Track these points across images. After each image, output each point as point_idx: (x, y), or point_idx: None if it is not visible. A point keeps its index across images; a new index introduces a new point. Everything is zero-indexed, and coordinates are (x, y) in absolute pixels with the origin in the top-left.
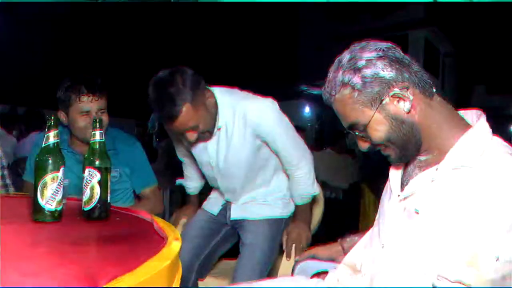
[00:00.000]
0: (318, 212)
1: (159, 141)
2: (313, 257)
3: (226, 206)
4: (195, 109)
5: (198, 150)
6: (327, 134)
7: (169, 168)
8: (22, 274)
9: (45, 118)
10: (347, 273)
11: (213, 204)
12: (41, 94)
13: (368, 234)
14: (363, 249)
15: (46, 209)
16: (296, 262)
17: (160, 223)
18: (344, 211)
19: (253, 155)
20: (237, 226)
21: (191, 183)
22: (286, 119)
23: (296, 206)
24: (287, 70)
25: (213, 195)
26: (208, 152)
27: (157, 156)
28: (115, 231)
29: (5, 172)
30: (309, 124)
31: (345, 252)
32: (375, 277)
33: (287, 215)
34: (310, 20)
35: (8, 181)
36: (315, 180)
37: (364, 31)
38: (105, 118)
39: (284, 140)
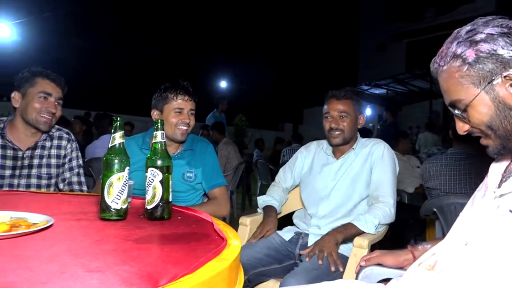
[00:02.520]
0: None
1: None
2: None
3: (300, 235)
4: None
5: (320, 167)
6: (390, 135)
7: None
8: (88, 270)
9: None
10: (421, 268)
11: (286, 231)
12: (113, 100)
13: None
14: (438, 245)
15: (112, 208)
16: (361, 267)
17: (219, 224)
18: (409, 215)
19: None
20: (303, 256)
21: (274, 201)
22: None
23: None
24: (348, 70)
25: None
26: (331, 170)
27: None
28: (176, 231)
29: (81, 171)
30: (370, 125)
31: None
32: (456, 275)
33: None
34: (371, 17)
35: (82, 179)
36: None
37: (428, 28)
38: (192, 119)
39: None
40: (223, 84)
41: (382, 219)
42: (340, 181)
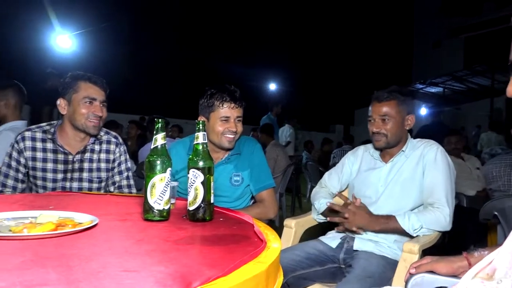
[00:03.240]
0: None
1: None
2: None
3: (346, 239)
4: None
5: (368, 172)
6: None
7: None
8: (124, 269)
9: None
10: (477, 278)
11: (332, 238)
12: (168, 104)
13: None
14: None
15: (155, 208)
16: (411, 275)
17: (261, 226)
18: (468, 219)
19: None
20: (348, 260)
21: (331, 200)
22: None
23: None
24: (401, 68)
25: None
26: (380, 175)
27: None
28: (216, 232)
29: (130, 174)
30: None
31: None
32: None
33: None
34: (426, 13)
35: (131, 182)
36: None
37: (488, 22)
38: (240, 126)
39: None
40: (273, 86)
41: (428, 225)
42: (390, 186)
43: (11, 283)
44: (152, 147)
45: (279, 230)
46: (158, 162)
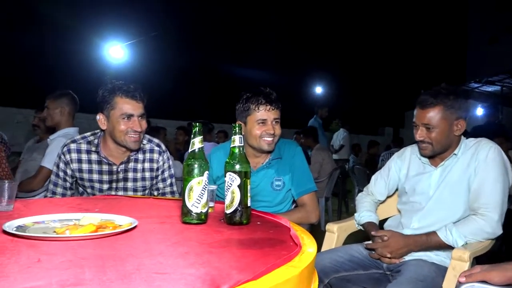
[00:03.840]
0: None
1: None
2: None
3: None
4: None
5: (417, 177)
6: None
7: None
8: (156, 271)
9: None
10: None
11: None
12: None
13: None
14: None
15: (192, 212)
16: (460, 283)
17: (297, 230)
18: None
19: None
20: (393, 268)
21: (374, 216)
22: None
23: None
24: (454, 67)
25: None
26: (430, 181)
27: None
28: (252, 236)
29: (173, 181)
30: None
31: None
32: None
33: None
34: (481, 9)
35: (175, 188)
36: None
37: None
38: (278, 128)
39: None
40: (319, 90)
41: (472, 236)
42: (440, 191)
43: (47, 282)
44: (189, 150)
45: (324, 234)
46: (196, 165)
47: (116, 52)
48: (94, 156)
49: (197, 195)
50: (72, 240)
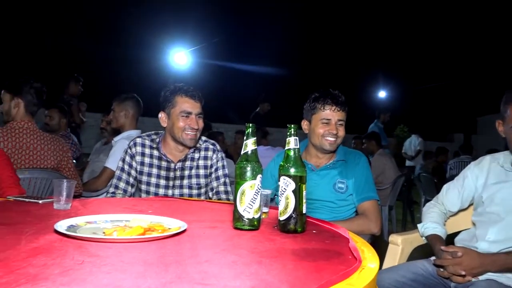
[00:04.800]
0: None
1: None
2: None
3: None
4: None
5: (498, 185)
6: None
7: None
8: (197, 282)
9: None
10: None
11: None
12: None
13: None
14: None
15: (244, 217)
16: None
17: (357, 242)
18: None
19: None
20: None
21: (440, 228)
22: None
23: None
24: None
25: None
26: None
27: None
28: (306, 246)
29: (227, 180)
30: None
31: None
32: None
33: None
34: None
35: (229, 188)
36: None
37: None
38: (341, 130)
39: None
40: (382, 94)
41: None
42: None
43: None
44: (242, 152)
45: (387, 246)
46: (248, 168)
47: (180, 58)
48: (155, 152)
49: (249, 200)
50: (118, 242)
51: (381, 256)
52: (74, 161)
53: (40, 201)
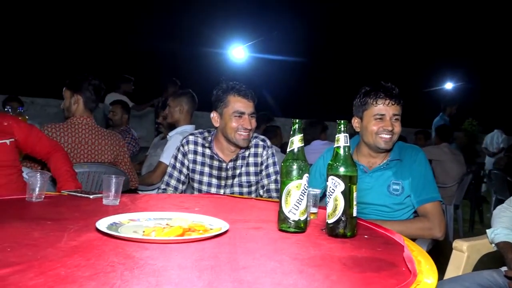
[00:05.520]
0: None
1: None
2: None
3: None
4: None
5: None
6: None
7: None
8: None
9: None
10: None
11: None
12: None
13: None
14: None
15: (290, 219)
16: None
17: (414, 251)
18: None
19: None
20: None
21: (510, 232)
22: None
23: None
24: None
25: None
26: None
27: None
28: (355, 253)
29: (278, 178)
30: None
31: None
32: None
33: None
34: None
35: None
36: None
37: None
38: (397, 126)
39: None
40: (449, 85)
41: None
42: None
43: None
44: (288, 150)
45: (451, 248)
46: (294, 167)
47: (238, 53)
48: (207, 151)
49: (295, 200)
50: (155, 243)
51: (445, 261)
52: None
53: (91, 196)
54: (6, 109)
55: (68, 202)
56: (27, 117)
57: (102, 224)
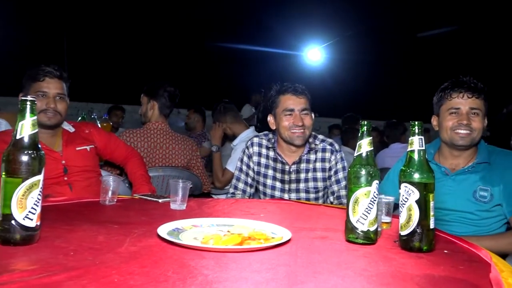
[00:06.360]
0: None
1: None
2: None
3: None
4: None
5: None
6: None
7: None
8: None
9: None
10: None
11: None
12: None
13: None
14: None
15: (358, 229)
16: None
17: (503, 271)
18: None
19: None
20: None
21: None
22: None
23: None
24: None
25: None
26: None
27: None
28: (431, 272)
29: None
30: None
31: None
32: None
33: None
34: None
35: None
36: None
37: None
38: (477, 121)
39: None
40: None
41: None
42: None
43: None
44: (355, 154)
45: None
46: (363, 172)
47: (314, 54)
48: (271, 153)
49: (363, 209)
50: (212, 251)
51: None
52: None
53: (160, 200)
54: (92, 116)
55: (137, 206)
56: (111, 123)
57: (164, 229)
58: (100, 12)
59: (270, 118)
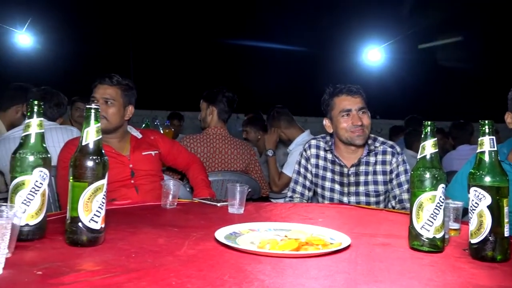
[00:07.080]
0: None
1: None
2: None
3: None
4: None
5: None
6: None
7: None
8: None
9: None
10: None
11: None
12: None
13: None
14: None
15: (423, 236)
16: None
17: None
18: None
19: None
20: None
21: None
22: None
23: None
24: None
25: None
26: None
27: None
28: (505, 284)
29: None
30: None
31: None
32: None
33: None
34: None
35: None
36: None
37: None
38: None
39: None
40: None
41: None
42: None
43: None
44: (418, 157)
45: None
46: (427, 175)
47: (373, 55)
48: (329, 155)
49: (428, 215)
50: (268, 256)
51: None
52: None
53: (219, 204)
54: (155, 123)
55: (196, 210)
56: (173, 129)
57: (221, 233)
58: (161, 21)
59: (326, 122)
